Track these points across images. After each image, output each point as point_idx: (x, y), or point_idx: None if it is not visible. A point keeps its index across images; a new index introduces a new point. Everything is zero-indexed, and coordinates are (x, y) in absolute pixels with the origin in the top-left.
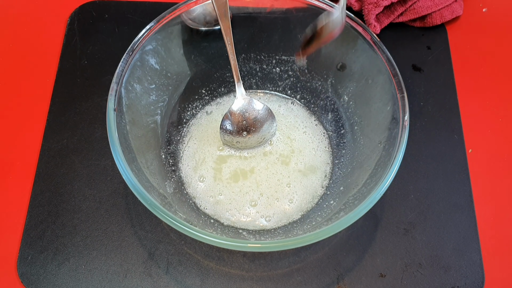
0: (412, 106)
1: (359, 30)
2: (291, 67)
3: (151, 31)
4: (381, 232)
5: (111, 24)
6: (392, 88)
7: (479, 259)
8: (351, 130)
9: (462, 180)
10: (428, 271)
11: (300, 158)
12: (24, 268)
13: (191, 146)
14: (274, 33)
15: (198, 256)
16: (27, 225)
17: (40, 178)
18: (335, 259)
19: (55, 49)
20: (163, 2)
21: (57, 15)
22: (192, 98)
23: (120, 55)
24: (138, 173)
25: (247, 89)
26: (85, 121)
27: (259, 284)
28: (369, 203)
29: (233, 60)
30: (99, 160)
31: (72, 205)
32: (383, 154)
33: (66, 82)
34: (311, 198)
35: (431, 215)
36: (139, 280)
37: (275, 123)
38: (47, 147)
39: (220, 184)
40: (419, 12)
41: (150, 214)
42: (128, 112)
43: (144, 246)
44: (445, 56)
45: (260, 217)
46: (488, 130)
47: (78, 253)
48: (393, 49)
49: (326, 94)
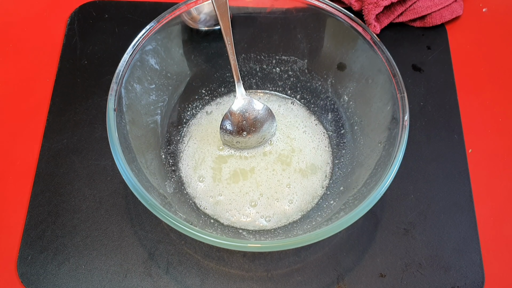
0: (412, 106)
1: (359, 30)
2: (291, 67)
3: (151, 31)
4: (381, 232)
5: (111, 24)
6: (392, 88)
7: (479, 259)
8: (351, 130)
9: (462, 180)
10: (428, 271)
11: (301, 157)
12: (24, 268)
13: (191, 146)
14: (274, 33)
15: (198, 256)
16: (27, 225)
17: (40, 178)
18: (335, 259)
19: (55, 49)
20: (163, 2)
21: (57, 15)
22: (192, 98)
23: (120, 55)
24: (138, 173)
25: (247, 89)
26: (85, 121)
27: (259, 284)
28: (369, 203)
29: (233, 60)
30: (99, 160)
31: (72, 205)
32: (383, 154)
33: (66, 82)
34: (311, 198)
35: (431, 215)
36: (139, 280)
37: (275, 123)
38: (47, 147)
39: (220, 185)
40: (419, 12)
41: (150, 214)
42: (128, 112)
43: (144, 246)
44: (445, 56)
45: (260, 218)
46: (488, 130)
47: (78, 253)
48: (393, 49)
49: (326, 94)
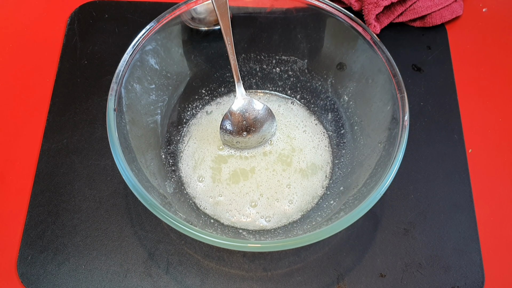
0: (412, 106)
1: (359, 30)
2: (291, 67)
3: (151, 31)
4: (381, 232)
5: (111, 24)
6: (392, 88)
7: (479, 259)
8: (351, 130)
9: (462, 180)
10: (428, 271)
11: (302, 157)
12: (24, 268)
13: (191, 146)
14: (274, 33)
15: (198, 256)
16: (27, 225)
17: (40, 178)
18: (335, 259)
19: (55, 49)
20: (163, 2)
21: (57, 15)
22: (192, 98)
23: (120, 55)
24: (138, 173)
25: (247, 89)
26: (85, 121)
27: (259, 284)
28: (369, 203)
29: (233, 60)
30: (99, 160)
31: (72, 205)
32: (383, 154)
33: (66, 82)
34: (311, 198)
35: (431, 215)
36: (139, 280)
37: (275, 123)
38: (47, 147)
39: (220, 185)
40: (419, 12)
41: (150, 214)
42: (128, 112)
43: (144, 246)
44: (445, 56)
45: (260, 218)
46: (488, 130)
47: (78, 253)
48: (393, 49)
49: (326, 94)
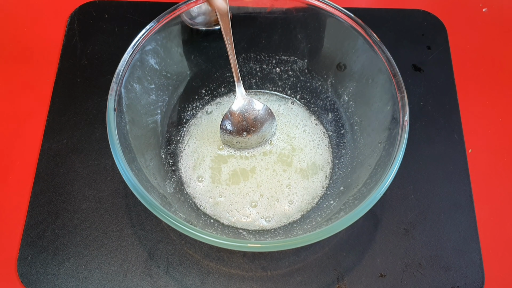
0: (412, 106)
1: (359, 30)
2: (291, 67)
3: (151, 31)
4: (381, 232)
5: (111, 24)
6: (392, 88)
7: (479, 259)
8: (351, 130)
9: (462, 180)
10: (428, 271)
11: (302, 156)
12: (24, 268)
13: (191, 146)
14: (274, 33)
15: (198, 256)
16: (27, 225)
17: (40, 178)
18: (335, 259)
19: (55, 49)
20: (163, 2)
21: (57, 15)
22: (192, 98)
23: (120, 55)
24: (138, 173)
25: (247, 89)
26: (85, 121)
27: (259, 284)
28: (369, 203)
29: (233, 60)
30: (99, 160)
31: (72, 205)
32: (383, 154)
33: (66, 82)
34: (311, 199)
35: (431, 215)
36: (139, 280)
37: (275, 123)
38: (47, 147)
39: (220, 186)
40: None
41: (150, 214)
42: (128, 112)
43: (144, 246)
44: (445, 56)
45: (260, 218)
46: (488, 130)
47: (78, 253)
48: (393, 49)
49: (326, 94)
